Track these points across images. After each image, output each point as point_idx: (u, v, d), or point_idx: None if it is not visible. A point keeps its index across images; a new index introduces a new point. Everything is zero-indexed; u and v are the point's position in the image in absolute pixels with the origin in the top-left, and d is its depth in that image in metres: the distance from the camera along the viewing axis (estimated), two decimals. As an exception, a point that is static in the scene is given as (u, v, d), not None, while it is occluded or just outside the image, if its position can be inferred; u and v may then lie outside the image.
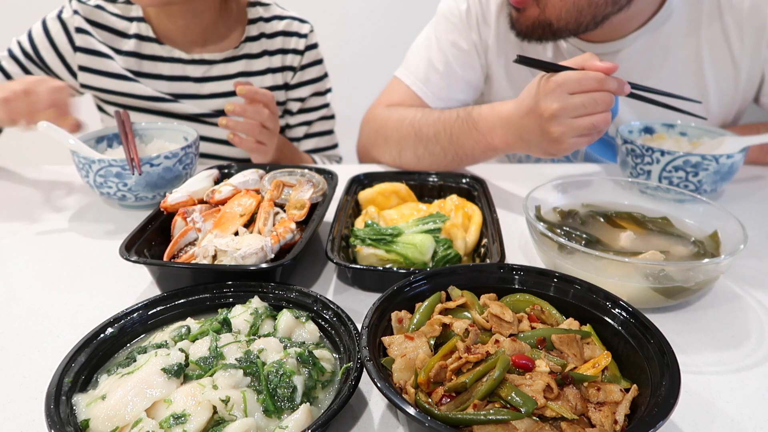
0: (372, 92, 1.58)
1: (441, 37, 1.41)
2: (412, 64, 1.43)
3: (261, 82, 1.49)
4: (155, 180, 1.09)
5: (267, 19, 1.49)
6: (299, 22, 1.52)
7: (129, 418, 0.55)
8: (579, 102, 0.96)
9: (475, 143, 1.17)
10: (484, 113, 1.15)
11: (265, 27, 1.49)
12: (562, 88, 0.96)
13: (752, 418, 0.64)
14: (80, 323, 0.79)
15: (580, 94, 0.96)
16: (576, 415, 0.53)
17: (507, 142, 1.12)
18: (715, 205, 0.91)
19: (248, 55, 1.47)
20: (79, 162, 1.08)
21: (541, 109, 0.99)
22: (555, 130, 0.99)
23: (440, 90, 1.39)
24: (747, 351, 0.75)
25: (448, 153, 1.23)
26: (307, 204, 0.96)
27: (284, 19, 1.51)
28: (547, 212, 0.98)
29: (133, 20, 1.42)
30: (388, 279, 0.83)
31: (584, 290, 0.69)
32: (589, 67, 0.97)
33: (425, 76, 1.40)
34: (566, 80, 0.96)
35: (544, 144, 1.03)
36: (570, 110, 0.96)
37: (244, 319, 0.69)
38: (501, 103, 1.14)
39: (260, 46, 1.48)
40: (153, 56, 1.42)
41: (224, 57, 1.46)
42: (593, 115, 0.97)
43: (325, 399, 0.62)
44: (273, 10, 1.51)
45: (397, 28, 2.97)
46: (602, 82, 0.95)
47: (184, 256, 0.88)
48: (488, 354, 0.57)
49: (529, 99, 1.02)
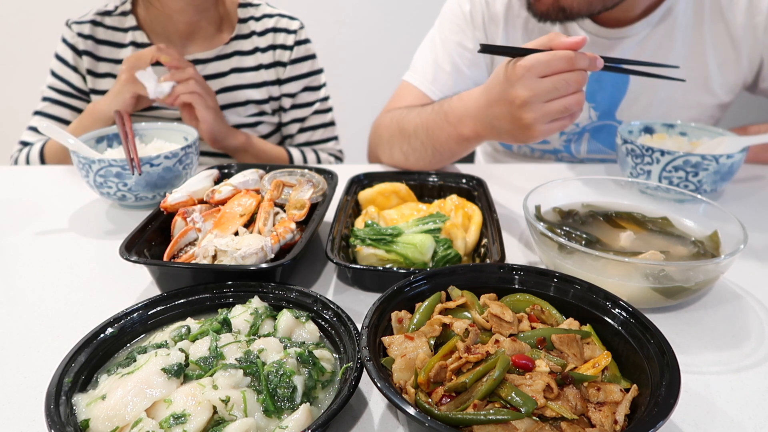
0: (374, 96, 1.59)
1: (446, 38, 1.42)
2: (419, 66, 1.44)
3: (254, 77, 1.54)
4: (155, 180, 1.09)
5: (257, 18, 1.54)
6: (288, 18, 1.57)
7: (129, 418, 0.55)
8: (550, 85, 0.91)
9: (447, 135, 1.15)
10: (453, 104, 1.13)
11: (255, 25, 1.54)
12: (531, 73, 0.91)
13: (752, 418, 0.64)
14: (80, 323, 0.79)
15: (551, 77, 0.91)
16: (576, 415, 0.53)
17: (476, 132, 1.09)
18: (715, 205, 0.91)
19: (239, 52, 1.52)
20: (79, 162, 1.08)
21: (512, 96, 0.94)
22: (527, 117, 0.94)
23: (448, 89, 1.40)
24: (747, 351, 0.75)
25: (427, 148, 1.22)
26: (307, 204, 0.96)
27: (273, 17, 1.56)
28: (547, 212, 0.98)
29: (128, 30, 1.46)
30: (388, 279, 0.83)
31: (584, 290, 0.69)
32: (556, 46, 0.92)
33: (433, 77, 1.40)
34: (534, 63, 0.91)
35: (515, 131, 0.99)
36: (541, 95, 0.92)
37: (244, 319, 0.69)
38: (468, 92, 1.11)
39: (251, 43, 1.53)
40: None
41: (216, 54, 1.50)
42: (565, 97, 0.93)
43: (325, 399, 0.62)
44: (263, 9, 1.56)
45: (404, 31, 2.98)
46: (572, 61, 0.90)
47: (184, 256, 0.88)
48: (488, 354, 0.57)
49: (498, 86, 0.98)
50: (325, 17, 2.83)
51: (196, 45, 1.50)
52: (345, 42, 2.92)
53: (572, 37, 0.91)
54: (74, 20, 1.47)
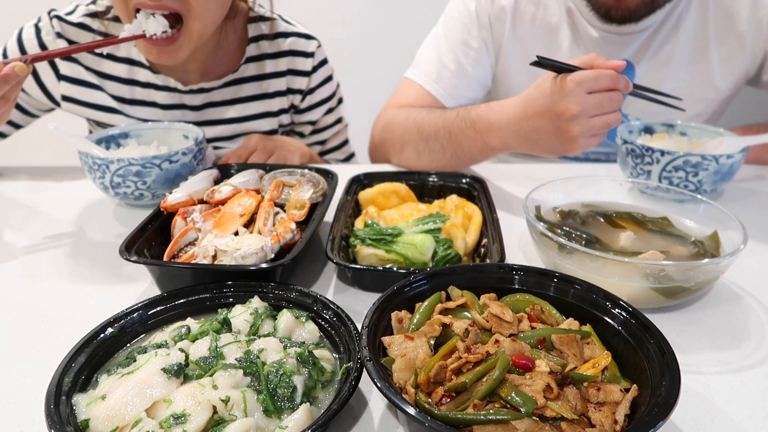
0: (374, 96, 1.59)
1: (451, 36, 1.43)
2: (422, 64, 1.44)
3: (262, 107, 1.40)
4: (173, 177, 1.10)
5: (270, 37, 1.38)
6: (305, 39, 1.41)
7: (129, 418, 0.55)
8: (597, 101, 0.97)
9: (472, 143, 1.18)
10: (482, 113, 1.16)
11: (267, 47, 1.38)
12: (581, 88, 0.96)
13: (752, 418, 0.64)
14: (80, 323, 0.79)
15: (597, 94, 0.97)
16: (576, 415, 0.53)
17: (506, 143, 1.13)
18: (715, 205, 0.91)
19: (248, 78, 1.37)
20: (94, 164, 1.06)
21: (561, 109, 0.98)
22: (574, 130, 0.99)
23: (452, 88, 1.41)
24: (747, 351, 0.75)
25: (447, 151, 1.23)
26: (307, 204, 0.96)
27: (289, 37, 1.39)
28: (547, 212, 0.98)
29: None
30: (388, 279, 0.83)
31: (584, 290, 0.69)
32: (600, 65, 0.98)
33: (437, 75, 1.40)
34: (584, 79, 0.96)
35: (557, 144, 1.03)
36: (589, 110, 0.97)
37: (244, 319, 0.69)
38: (499, 103, 1.14)
39: (261, 67, 1.38)
40: (147, 83, 1.32)
41: (223, 82, 1.35)
42: (608, 114, 0.99)
43: (325, 399, 0.62)
44: (277, 26, 1.39)
45: (405, 31, 2.97)
46: (616, 80, 0.96)
47: (184, 256, 0.88)
48: (488, 354, 0.57)
49: (542, 99, 1.02)
50: (327, 17, 2.83)
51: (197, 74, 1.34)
52: (345, 43, 2.91)
53: (613, 60, 0.99)
54: (57, 14, 1.27)
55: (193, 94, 1.35)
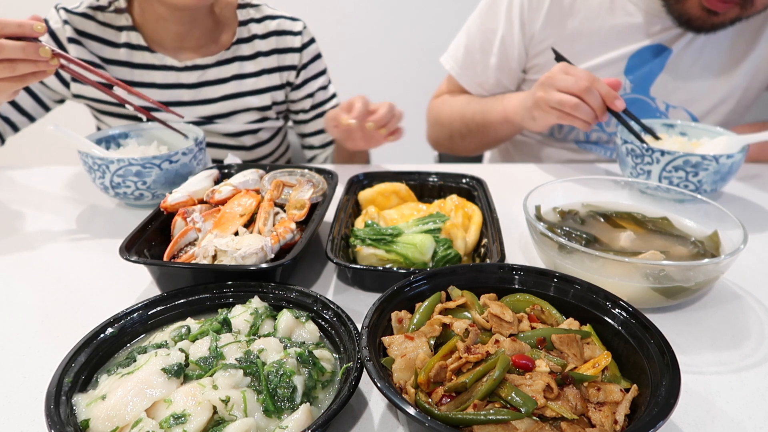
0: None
1: (485, 27, 1.49)
2: (452, 50, 1.57)
3: (256, 83, 1.48)
4: (173, 177, 1.10)
5: (258, 19, 1.49)
6: (291, 20, 1.52)
7: (129, 418, 0.55)
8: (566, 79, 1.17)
9: (497, 113, 1.43)
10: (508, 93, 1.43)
11: (256, 28, 1.48)
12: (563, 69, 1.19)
13: (752, 418, 0.64)
14: (80, 323, 0.79)
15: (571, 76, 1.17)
16: (576, 415, 0.53)
17: (515, 110, 1.37)
18: (715, 205, 0.91)
19: (241, 57, 1.46)
20: (94, 164, 1.07)
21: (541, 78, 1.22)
22: (538, 93, 1.23)
23: (476, 75, 1.54)
24: (747, 351, 0.75)
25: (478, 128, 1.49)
26: (307, 204, 0.96)
27: (276, 19, 1.50)
28: (547, 212, 0.98)
29: (122, 29, 1.39)
30: (388, 279, 0.83)
31: (584, 290, 0.69)
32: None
33: (464, 62, 1.54)
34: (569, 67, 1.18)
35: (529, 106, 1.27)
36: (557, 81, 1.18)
37: (244, 319, 0.69)
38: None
39: (253, 47, 1.47)
40: (145, 65, 1.41)
41: (216, 60, 1.44)
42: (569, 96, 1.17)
43: (325, 399, 0.62)
44: (264, 11, 1.50)
45: (404, 31, 2.97)
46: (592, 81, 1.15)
47: (184, 256, 0.88)
48: (488, 354, 0.57)
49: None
50: (324, 17, 2.83)
51: (192, 50, 1.43)
52: (344, 43, 2.92)
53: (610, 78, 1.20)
54: (64, 6, 1.37)
55: (189, 71, 1.43)
